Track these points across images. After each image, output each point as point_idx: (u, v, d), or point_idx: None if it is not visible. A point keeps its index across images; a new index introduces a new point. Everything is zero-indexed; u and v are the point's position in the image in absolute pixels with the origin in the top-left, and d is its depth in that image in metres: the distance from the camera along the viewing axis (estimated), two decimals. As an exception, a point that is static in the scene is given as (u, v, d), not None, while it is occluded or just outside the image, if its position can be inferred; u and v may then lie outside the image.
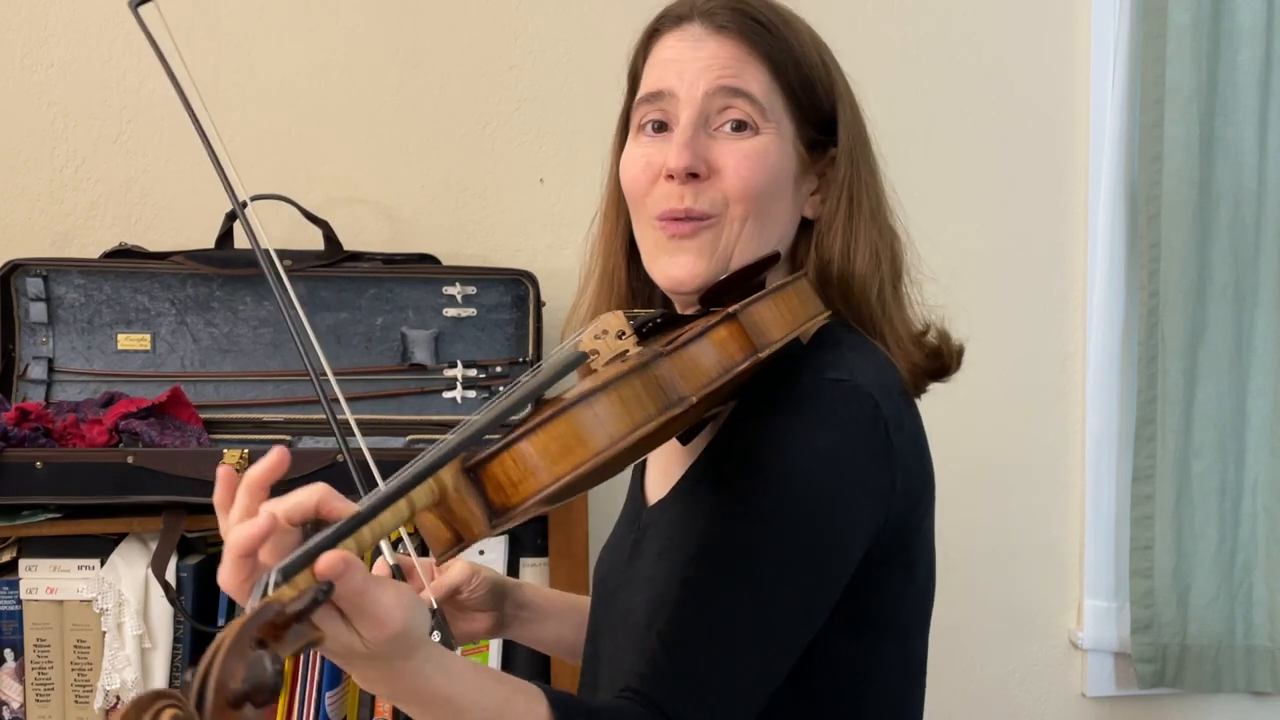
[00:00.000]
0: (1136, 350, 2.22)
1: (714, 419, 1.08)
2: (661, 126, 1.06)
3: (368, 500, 0.80)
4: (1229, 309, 2.20)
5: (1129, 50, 2.18)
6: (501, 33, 2.10)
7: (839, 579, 0.99)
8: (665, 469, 1.13)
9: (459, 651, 1.17)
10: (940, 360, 1.10)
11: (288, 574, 0.74)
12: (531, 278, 1.94)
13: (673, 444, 1.08)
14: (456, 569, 1.22)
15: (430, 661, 0.82)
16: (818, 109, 1.08)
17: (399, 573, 1.16)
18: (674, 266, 1.06)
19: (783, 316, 1.00)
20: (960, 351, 1.14)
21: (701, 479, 1.05)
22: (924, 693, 1.16)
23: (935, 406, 1.18)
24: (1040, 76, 2.23)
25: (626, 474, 1.24)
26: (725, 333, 0.96)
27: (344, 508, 0.81)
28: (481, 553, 1.75)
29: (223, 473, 0.86)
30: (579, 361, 0.96)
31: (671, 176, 1.04)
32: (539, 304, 1.94)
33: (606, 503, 1.61)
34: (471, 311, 1.96)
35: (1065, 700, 2.33)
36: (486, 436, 0.84)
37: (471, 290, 1.96)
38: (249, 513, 0.82)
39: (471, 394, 1.95)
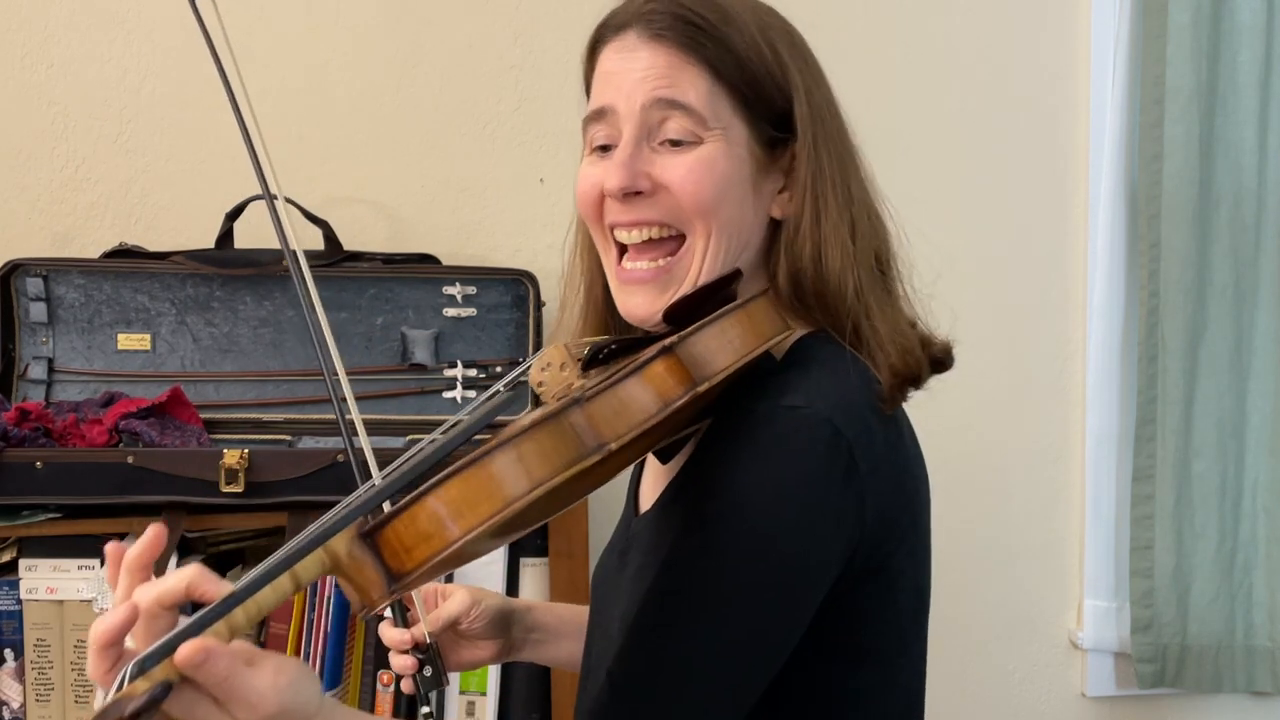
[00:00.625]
0: (1136, 350, 2.22)
1: (695, 435, 1.04)
2: (608, 146, 1.03)
3: (247, 578, 0.79)
4: (1229, 309, 2.20)
5: (1129, 50, 2.18)
6: (501, 33, 2.10)
7: (801, 611, 0.94)
8: (654, 480, 1.11)
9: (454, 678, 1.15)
10: (909, 363, 1.02)
11: (144, 667, 0.73)
12: (531, 278, 1.94)
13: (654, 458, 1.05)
14: (456, 599, 1.21)
15: None
16: (770, 105, 1.02)
17: (398, 606, 1.17)
18: (632, 306, 1.03)
19: (731, 343, 0.94)
20: (943, 355, 1.07)
21: (675, 497, 1.03)
22: (920, 715, 1.12)
23: (936, 406, 1.17)
24: (1040, 76, 2.23)
25: (624, 476, 1.23)
26: (662, 367, 0.90)
27: (216, 590, 0.80)
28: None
29: (110, 551, 0.85)
30: (505, 407, 0.90)
31: (610, 194, 1.02)
32: (539, 304, 1.94)
33: (608, 503, 1.61)
34: (471, 311, 1.96)
35: (1065, 700, 2.33)
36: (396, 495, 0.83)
37: (471, 290, 1.96)
38: (125, 595, 0.82)
39: (471, 394, 1.95)
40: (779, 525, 0.92)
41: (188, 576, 0.81)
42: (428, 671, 1.19)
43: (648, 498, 1.11)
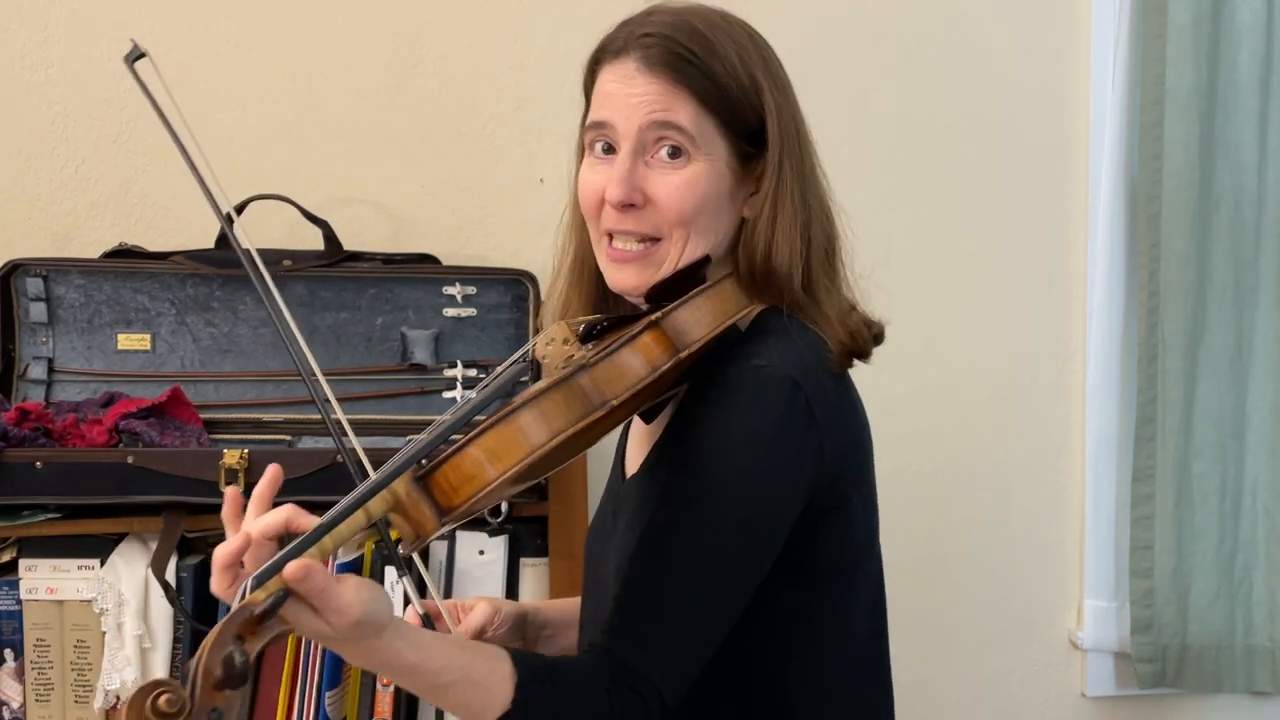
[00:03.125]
0: (1136, 350, 2.22)
1: (674, 398, 1.21)
2: (609, 149, 1.19)
3: (329, 513, 0.96)
4: (1229, 309, 2.20)
5: (1129, 50, 2.18)
6: (501, 33, 2.10)
7: (773, 541, 1.12)
8: (639, 445, 1.27)
9: None
10: (857, 340, 1.20)
11: (260, 580, 0.92)
12: (531, 278, 1.94)
13: (640, 423, 1.24)
14: (479, 610, 1.33)
15: (399, 638, 0.98)
16: (746, 125, 1.18)
17: (428, 620, 1.30)
18: (620, 280, 1.19)
19: (705, 317, 1.14)
20: (880, 333, 1.24)
21: (660, 457, 1.19)
22: (883, 618, 1.27)
23: (936, 406, 1.18)
24: (1040, 77, 2.23)
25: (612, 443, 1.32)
26: (650, 338, 1.10)
27: (309, 522, 0.98)
28: (481, 553, 1.76)
29: (230, 492, 1.04)
30: (520, 376, 1.11)
31: (611, 205, 1.17)
32: (539, 304, 1.94)
33: (606, 503, 1.61)
34: (471, 311, 1.96)
35: (1065, 700, 2.33)
36: (441, 447, 1.01)
37: (471, 290, 1.96)
38: (248, 522, 1.02)
39: (471, 394, 1.95)
40: (753, 464, 1.10)
41: (285, 513, 0.99)
42: None
43: (634, 461, 1.26)
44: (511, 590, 1.76)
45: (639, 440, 1.27)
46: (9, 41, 2.03)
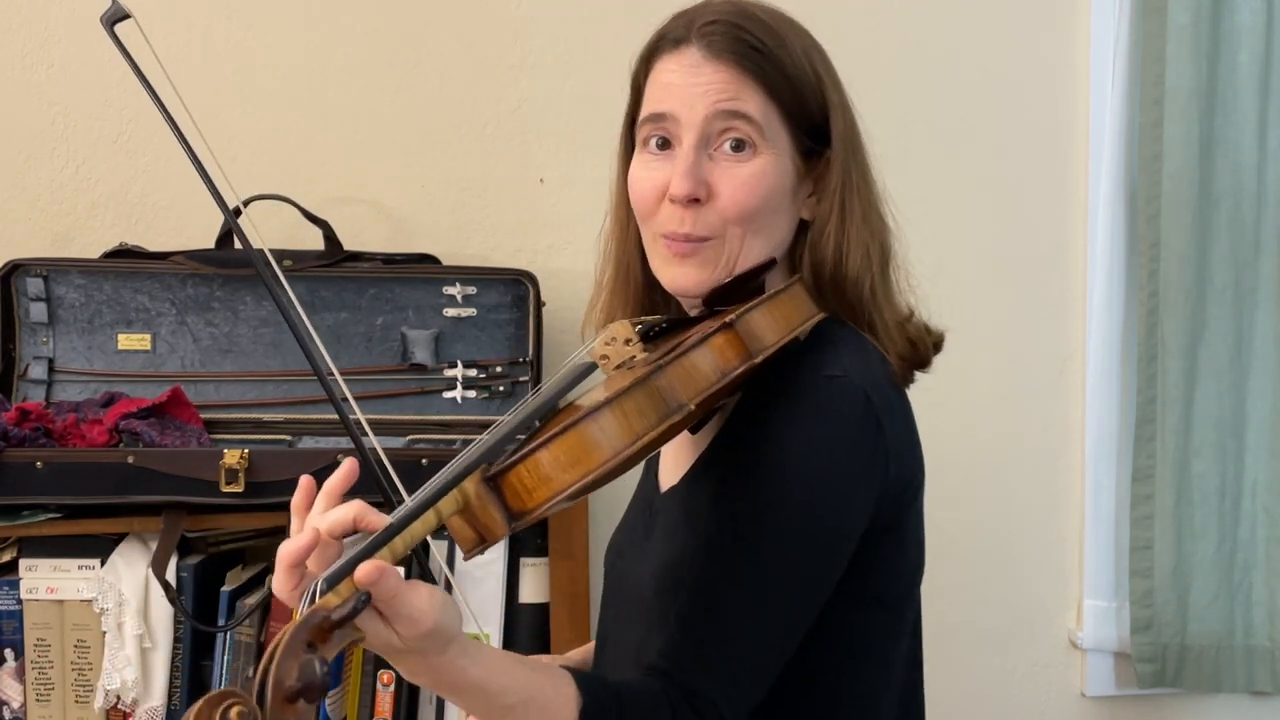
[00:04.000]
0: (1136, 350, 2.22)
1: (721, 410, 1.15)
2: (665, 144, 1.13)
3: (399, 512, 0.90)
4: (1229, 309, 2.20)
5: (1129, 50, 2.18)
6: (501, 33, 2.10)
7: (840, 558, 1.07)
8: (677, 457, 1.20)
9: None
10: (919, 349, 1.17)
11: (332, 583, 0.85)
12: (531, 278, 1.94)
13: (684, 433, 1.15)
14: None
15: (465, 655, 0.92)
16: (811, 119, 1.14)
17: None
18: (680, 278, 1.14)
19: (776, 323, 1.08)
20: (939, 341, 1.22)
21: (710, 467, 1.13)
22: (921, 645, 1.23)
23: (937, 406, 1.19)
24: (1040, 77, 2.23)
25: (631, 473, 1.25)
26: (722, 340, 1.03)
27: (379, 521, 0.90)
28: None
29: (304, 481, 0.97)
30: (585, 375, 1.05)
31: (675, 199, 1.11)
32: (539, 304, 1.94)
33: (608, 503, 1.61)
34: (471, 311, 1.96)
35: (1065, 700, 2.33)
36: (506, 447, 0.94)
37: (471, 290, 1.96)
38: (318, 515, 0.94)
39: (471, 394, 1.95)
40: (825, 482, 1.05)
41: (354, 510, 0.91)
42: None
43: (670, 472, 1.21)
44: (511, 590, 1.76)
45: (677, 451, 1.21)
46: (9, 41, 2.03)
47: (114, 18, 1.19)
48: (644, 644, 1.07)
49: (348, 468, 0.95)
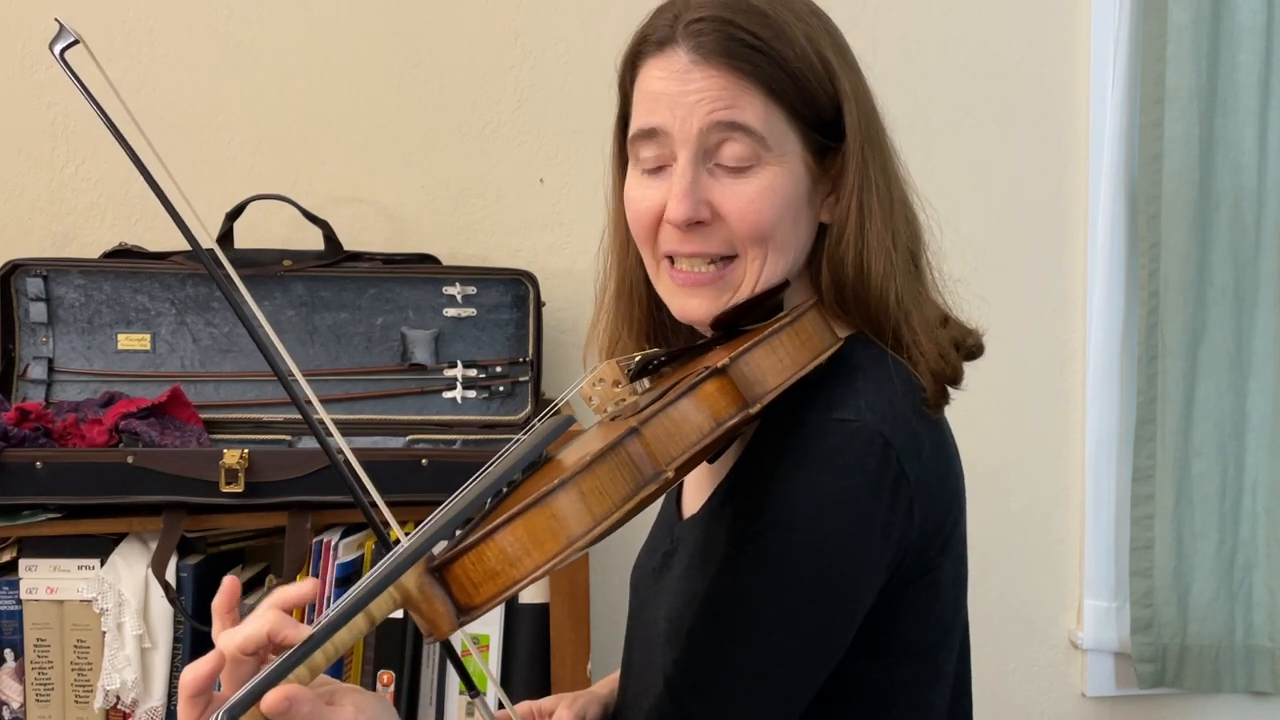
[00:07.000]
0: (1136, 350, 2.22)
1: (741, 436, 1.05)
2: (660, 160, 1.02)
3: (323, 620, 0.81)
4: (1229, 309, 2.20)
5: (1129, 50, 2.18)
6: (501, 33, 2.10)
7: (851, 617, 0.98)
8: (699, 483, 1.11)
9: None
10: (948, 362, 1.05)
11: (234, 714, 0.76)
12: (531, 278, 1.94)
13: (702, 463, 1.06)
14: (561, 717, 1.18)
15: None
16: (821, 115, 1.03)
17: None
18: (691, 310, 1.04)
19: (780, 362, 0.96)
20: (977, 345, 1.11)
21: (725, 504, 1.04)
22: (969, 705, 1.15)
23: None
24: (1040, 76, 2.23)
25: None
26: (713, 388, 0.92)
27: (296, 634, 0.81)
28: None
29: (227, 582, 0.89)
30: (533, 459, 0.93)
31: (673, 223, 1.01)
32: (539, 304, 1.94)
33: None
34: (471, 311, 1.96)
35: (1065, 700, 2.33)
36: (455, 530, 0.86)
37: (471, 290, 1.96)
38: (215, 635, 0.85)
39: (471, 394, 1.95)
40: (833, 538, 0.95)
41: (269, 624, 0.82)
42: None
43: (692, 499, 1.12)
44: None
45: (699, 476, 1.11)
46: (9, 41, 2.03)
47: (65, 44, 1.05)
48: (651, 694, 1.01)
49: (227, 586, 0.88)
